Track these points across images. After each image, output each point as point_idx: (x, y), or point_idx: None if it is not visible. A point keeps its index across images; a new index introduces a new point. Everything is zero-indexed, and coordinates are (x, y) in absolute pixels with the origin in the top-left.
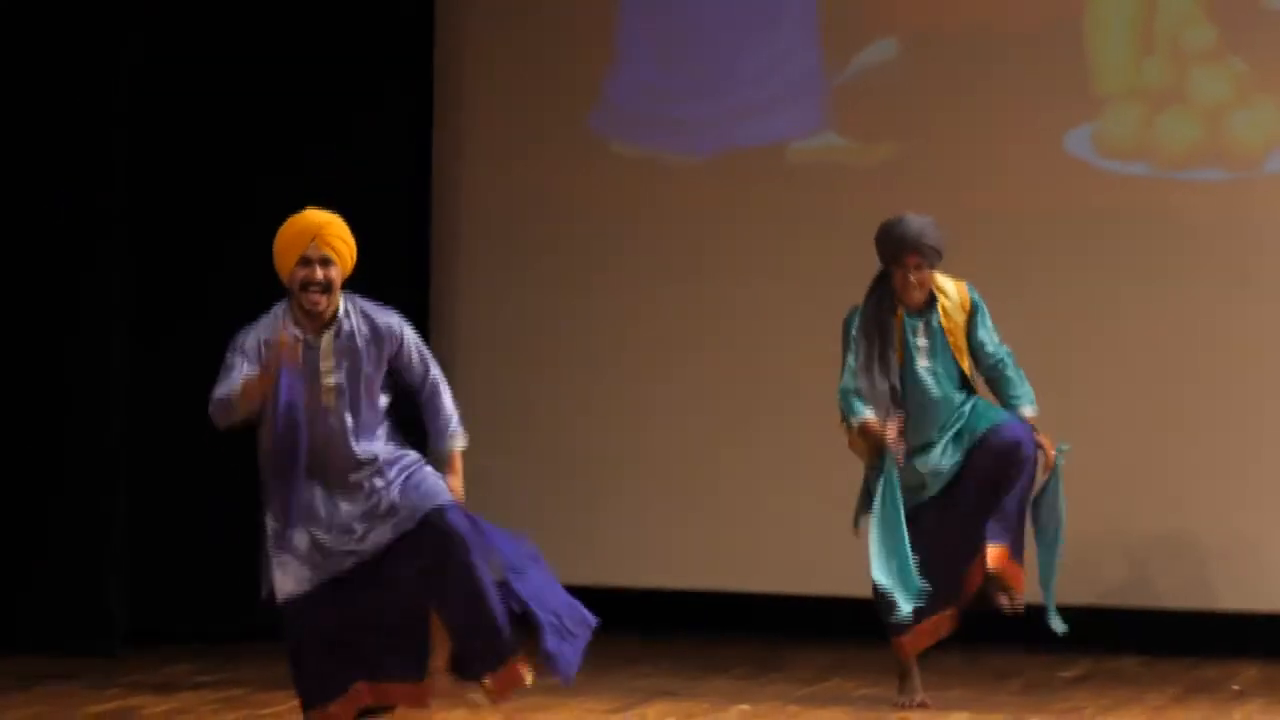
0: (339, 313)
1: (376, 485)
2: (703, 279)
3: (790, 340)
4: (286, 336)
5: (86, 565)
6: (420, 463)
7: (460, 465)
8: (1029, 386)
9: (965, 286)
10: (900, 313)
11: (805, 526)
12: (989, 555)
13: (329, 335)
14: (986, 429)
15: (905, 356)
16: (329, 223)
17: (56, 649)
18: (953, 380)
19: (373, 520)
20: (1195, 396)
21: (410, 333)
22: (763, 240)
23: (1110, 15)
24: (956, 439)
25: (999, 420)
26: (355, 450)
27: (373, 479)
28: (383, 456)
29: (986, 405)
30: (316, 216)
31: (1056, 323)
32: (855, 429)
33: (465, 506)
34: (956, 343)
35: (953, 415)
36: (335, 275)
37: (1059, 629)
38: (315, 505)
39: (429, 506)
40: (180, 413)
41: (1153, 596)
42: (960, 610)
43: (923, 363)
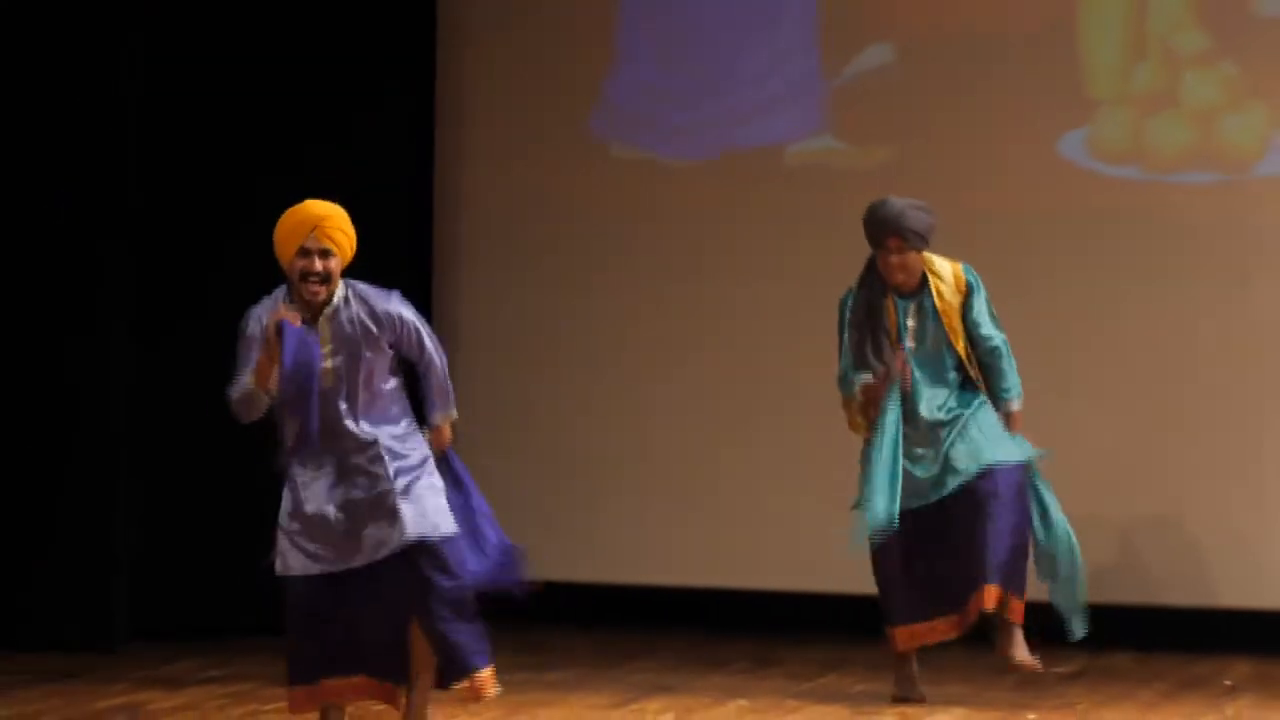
0: (337, 299)
1: (379, 476)
2: (702, 279)
3: (790, 340)
4: (282, 310)
5: (91, 562)
6: (422, 468)
7: (448, 435)
8: (1018, 378)
9: (961, 267)
10: (891, 295)
11: (804, 525)
12: (987, 596)
13: (326, 321)
14: (977, 472)
15: (897, 339)
16: (329, 215)
17: (62, 646)
18: (946, 362)
19: (373, 516)
20: (1188, 396)
21: (411, 316)
22: (762, 241)
23: (1103, 20)
24: (950, 466)
25: (987, 464)
26: (355, 431)
27: (374, 465)
28: (384, 442)
29: (982, 430)
30: (317, 208)
31: (1051, 323)
32: (859, 394)
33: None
34: (951, 324)
35: (948, 399)
36: (334, 266)
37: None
38: (323, 476)
39: (425, 534)
40: (183, 410)
41: (1146, 593)
42: (962, 627)
43: (910, 344)
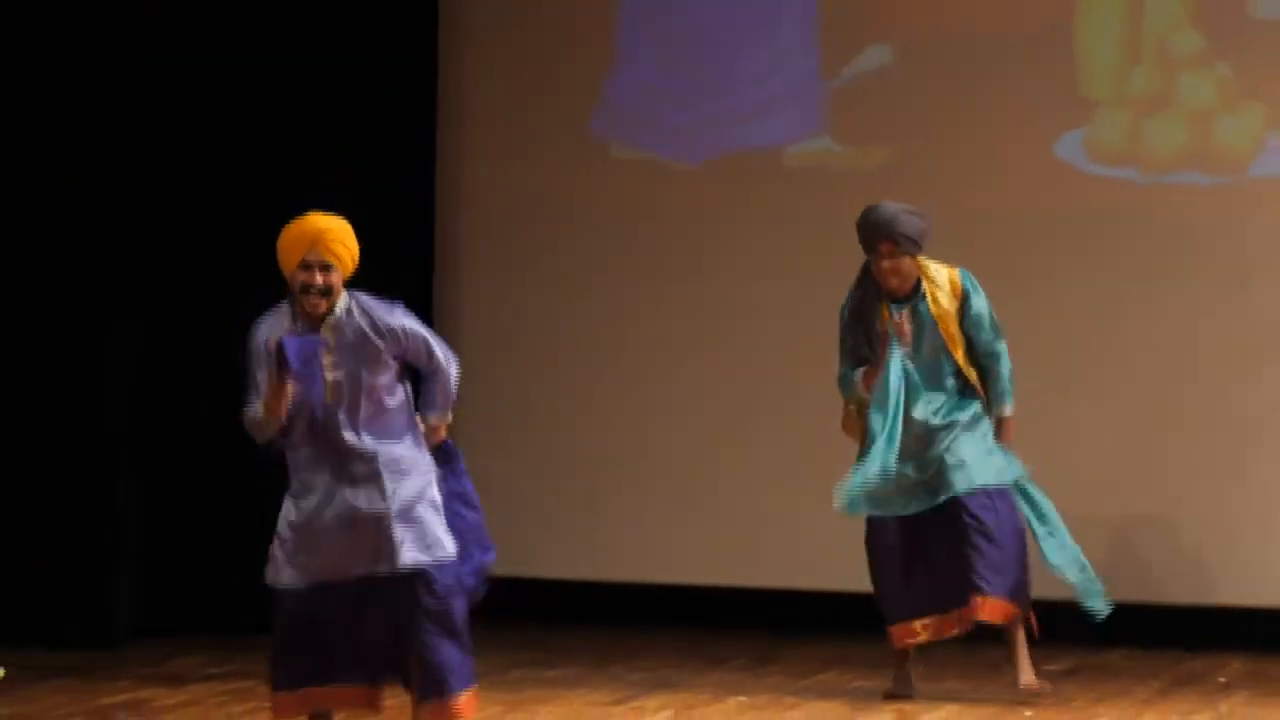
0: (340, 310)
1: (376, 493)
2: (702, 279)
3: (789, 340)
4: (273, 343)
5: (94, 560)
6: (424, 487)
7: (442, 435)
8: (1012, 385)
9: (959, 273)
10: (885, 300)
11: (803, 524)
12: (992, 609)
13: (329, 332)
14: (967, 491)
15: (888, 344)
16: (330, 229)
17: (66, 643)
18: (944, 369)
19: (368, 534)
20: (1183, 395)
21: (415, 327)
22: (762, 241)
23: (1100, 22)
24: (944, 478)
25: (979, 486)
26: (355, 444)
27: (373, 482)
28: (384, 458)
29: (976, 447)
30: (318, 221)
31: (1048, 322)
32: (859, 383)
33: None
34: (948, 330)
35: (944, 403)
36: (335, 279)
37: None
38: (321, 488)
39: (420, 561)
40: (185, 408)
41: (1141, 591)
42: (960, 626)
43: (903, 349)
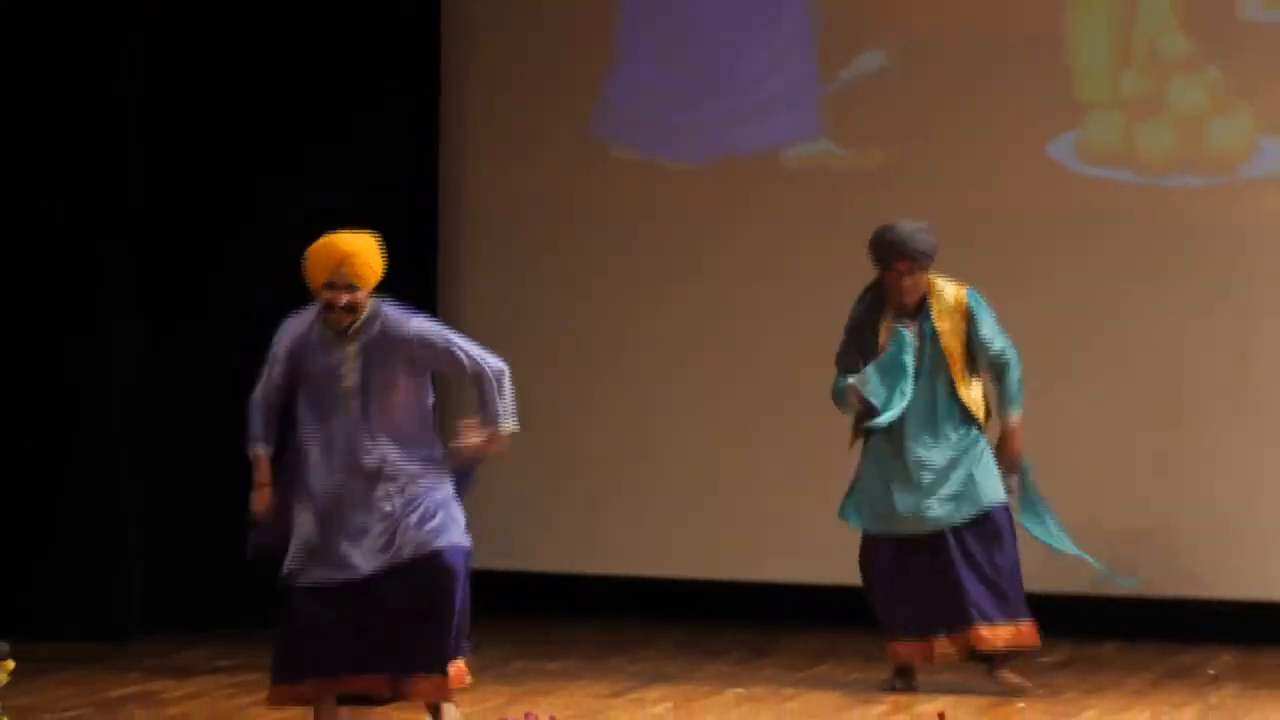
0: (364, 318)
1: (384, 506)
2: (702, 280)
3: (789, 340)
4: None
5: (103, 555)
6: (431, 494)
7: (486, 450)
8: (1019, 393)
9: (965, 292)
10: (888, 317)
11: (801, 519)
12: (984, 636)
13: (351, 339)
14: (976, 512)
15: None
16: (357, 253)
17: (77, 636)
18: (939, 388)
19: (375, 537)
20: (1176, 394)
21: (432, 335)
22: (762, 241)
23: (1091, 27)
24: (955, 498)
25: (987, 504)
26: (367, 449)
27: (382, 486)
28: (389, 467)
29: (976, 472)
30: (345, 245)
31: (1042, 321)
32: (850, 395)
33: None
34: (948, 345)
35: (942, 432)
36: (360, 297)
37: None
38: (333, 490)
39: (428, 548)
40: (188, 405)
41: (1131, 585)
42: (964, 649)
43: (912, 362)
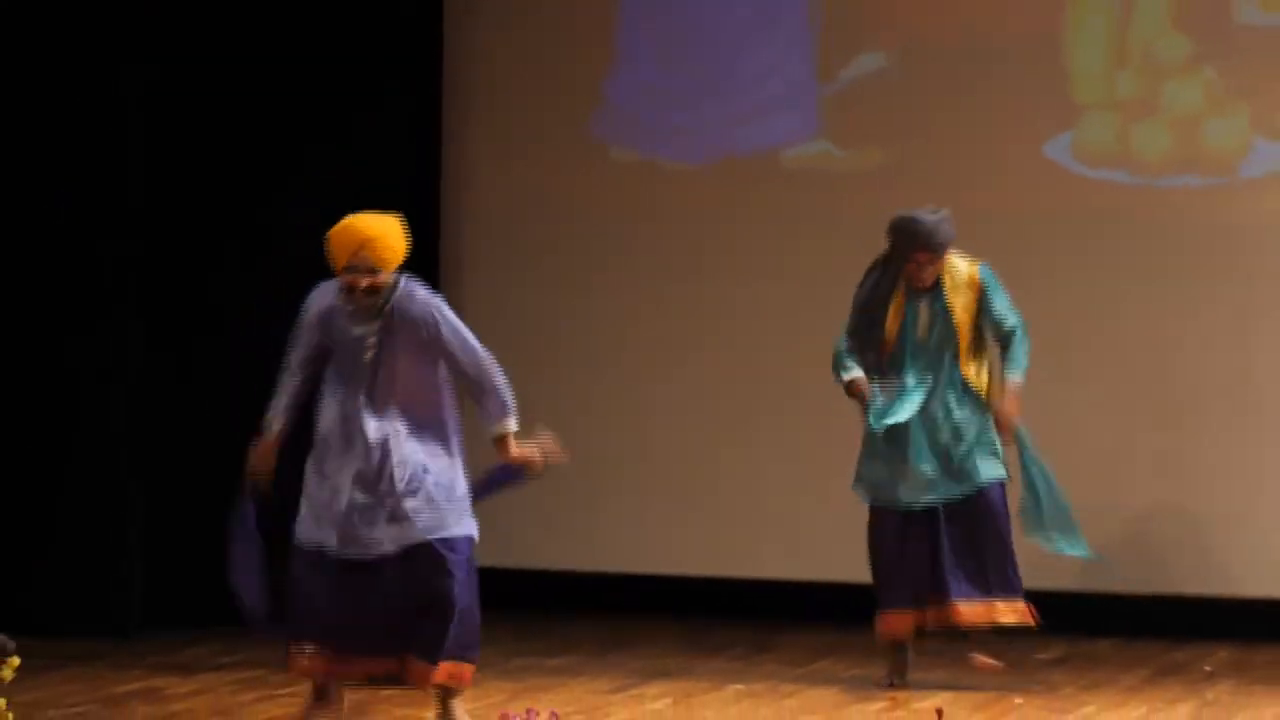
0: (388, 297)
1: (385, 485)
2: (702, 280)
3: (788, 340)
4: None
5: (106, 552)
6: (435, 478)
7: (513, 446)
8: (1026, 358)
9: (978, 267)
10: (901, 291)
11: (801, 517)
12: (960, 611)
13: (373, 314)
14: (971, 489)
15: (901, 329)
16: (378, 238)
17: (81, 633)
18: (946, 355)
19: (377, 516)
20: (1173, 390)
21: (447, 321)
22: (762, 241)
23: (1088, 29)
24: (953, 474)
25: (983, 482)
26: (371, 424)
27: (385, 463)
28: (396, 446)
29: (979, 449)
30: (367, 229)
31: (1041, 320)
32: (844, 386)
33: (533, 475)
34: (959, 320)
35: (947, 402)
36: (381, 279)
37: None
38: (344, 466)
39: (419, 537)
40: (192, 402)
41: (1128, 582)
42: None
43: (919, 335)
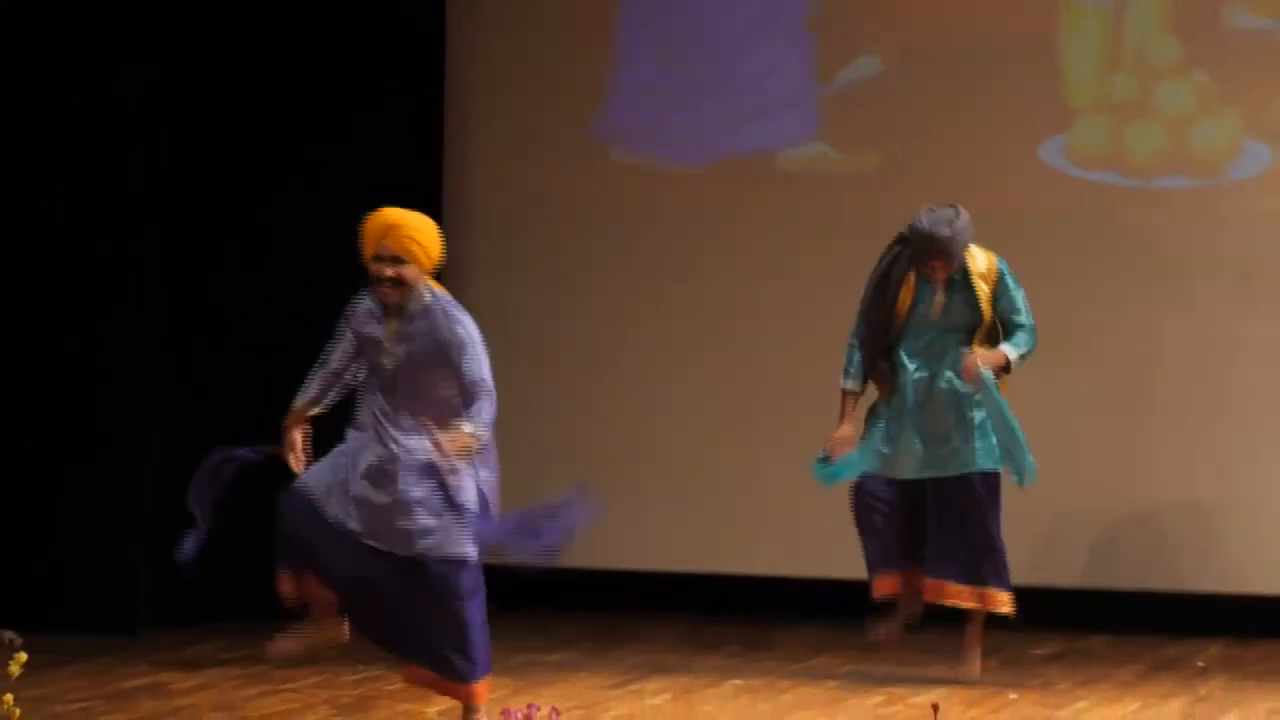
0: (415, 305)
1: (395, 481)
2: (702, 280)
3: (787, 340)
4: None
5: (114, 550)
6: (443, 494)
7: (452, 445)
8: (1026, 347)
9: (996, 259)
10: (912, 277)
11: (800, 515)
12: (929, 587)
13: (397, 320)
14: (963, 472)
15: (912, 311)
16: (403, 224)
17: (89, 630)
18: (954, 340)
19: (386, 519)
20: (1164, 388)
21: (470, 345)
22: (761, 241)
23: (1082, 33)
24: (948, 454)
25: (976, 468)
26: (389, 432)
27: (396, 468)
28: (406, 455)
29: (982, 432)
30: (390, 216)
31: (1037, 320)
32: (857, 378)
33: (445, 462)
34: (972, 304)
35: (954, 375)
36: (407, 272)
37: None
38: (360, 459)
39: (442, 554)
40: (199, 400)
41: (1121, 579)
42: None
43: (934, 317)
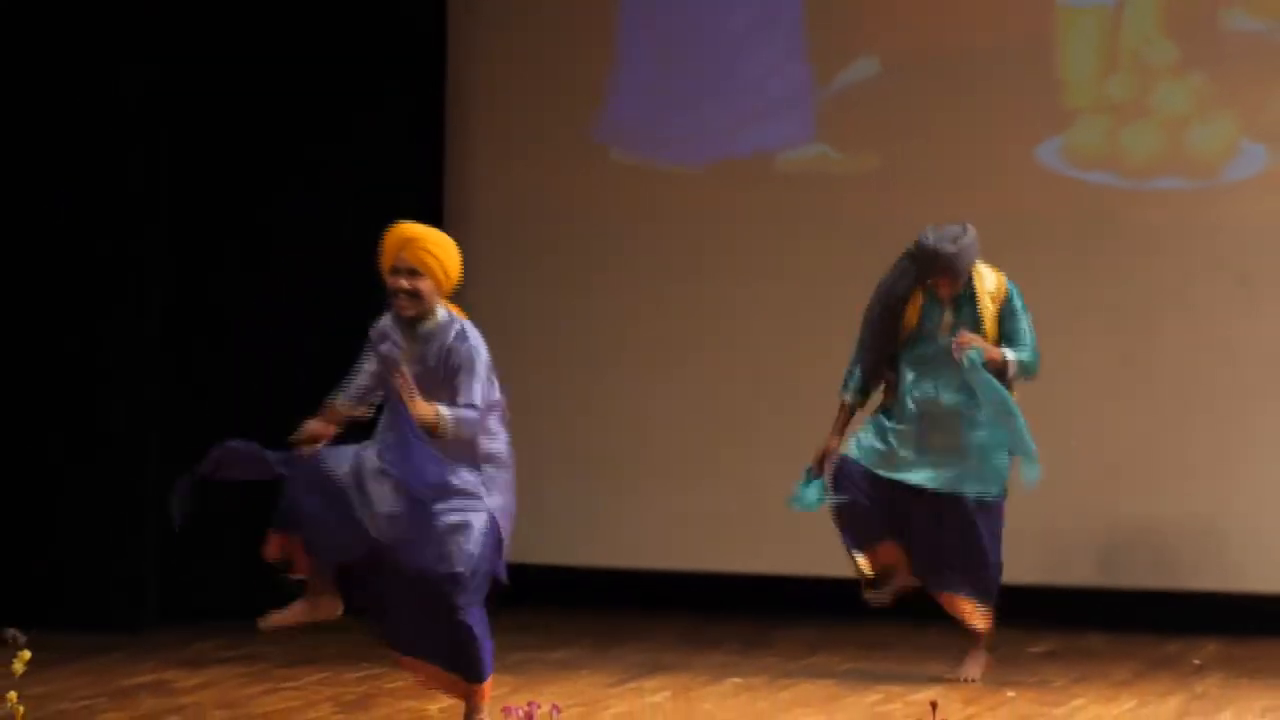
0: (433, 325)
1: (401, 500)
2: (701, 280)
3: (785, 339)
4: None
5: (119, 548)
6: (450, 516)
7: (427, 411)
8: (1026, 362)
9: (1005, 280)
10: (920, 295)
11: (800, 515)
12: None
13: (414, 338)
14: (951, 490)
15: (919, 328)
16: (418, 237)
17: (93, 627)
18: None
19: (389, 532)
20: (1161, 388)
21: (472, 367)
22: (761, 242)
23: (1079, 34)
24: (943, 466)
25: (967, 492)
26: (398, 447)
27: (400, 484)
28: (413, 475)
29: (982, 457)
30: (409, 230)
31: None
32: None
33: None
34: (984, 325)
35: (961, 387)
36: (424, 286)
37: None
38: (371, 459)
39: (442, 570)
40: (203, 399)
41: (1119, 577)
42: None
43: (941, 335)
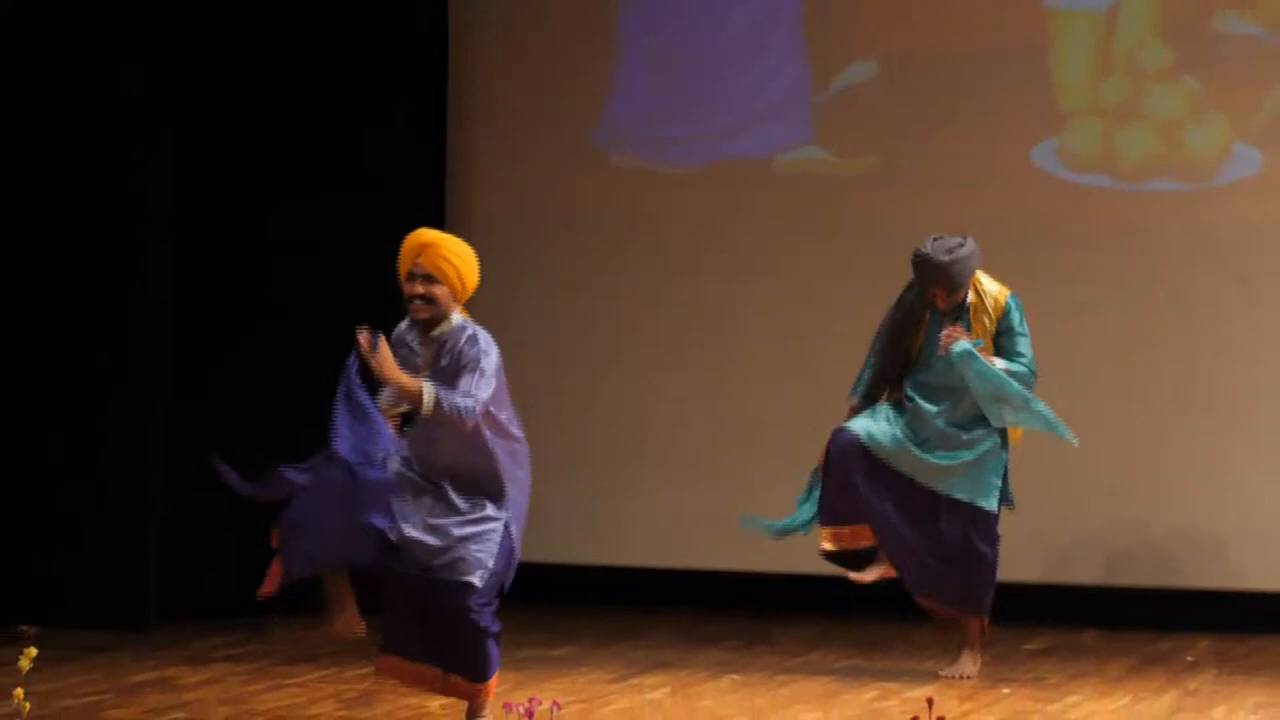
0: (446, 329)
1: (416, 514)
2: (700, 281)
3: (785, 340)
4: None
5: (125, 545)
6: (460, 529)
7: (415, 382)
8: (1020, 378)
9: (1006, 294)
10: (928, 316)
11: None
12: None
13: (429, 343)
14: (942, 491)
15: (925, 344)
16: (433, 243)
17: (98, 625)
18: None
19: (416, 533)
20: (1155, 388)
21: (479, 367)
22: (760, 242)
23: (1074, 38)
24: (939, 466)
25: (958, 498)
26: (423, 455)
27: (425, 498)
28: (427, 482)
29: (979, 467)
30: (424, 236)
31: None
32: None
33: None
34: (980, 335)
35: (963, 399)
36: (439, 292)
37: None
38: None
39: (454, 579)
40: (209, 399)
41: (1113, 575)
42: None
43: (941, 349)
